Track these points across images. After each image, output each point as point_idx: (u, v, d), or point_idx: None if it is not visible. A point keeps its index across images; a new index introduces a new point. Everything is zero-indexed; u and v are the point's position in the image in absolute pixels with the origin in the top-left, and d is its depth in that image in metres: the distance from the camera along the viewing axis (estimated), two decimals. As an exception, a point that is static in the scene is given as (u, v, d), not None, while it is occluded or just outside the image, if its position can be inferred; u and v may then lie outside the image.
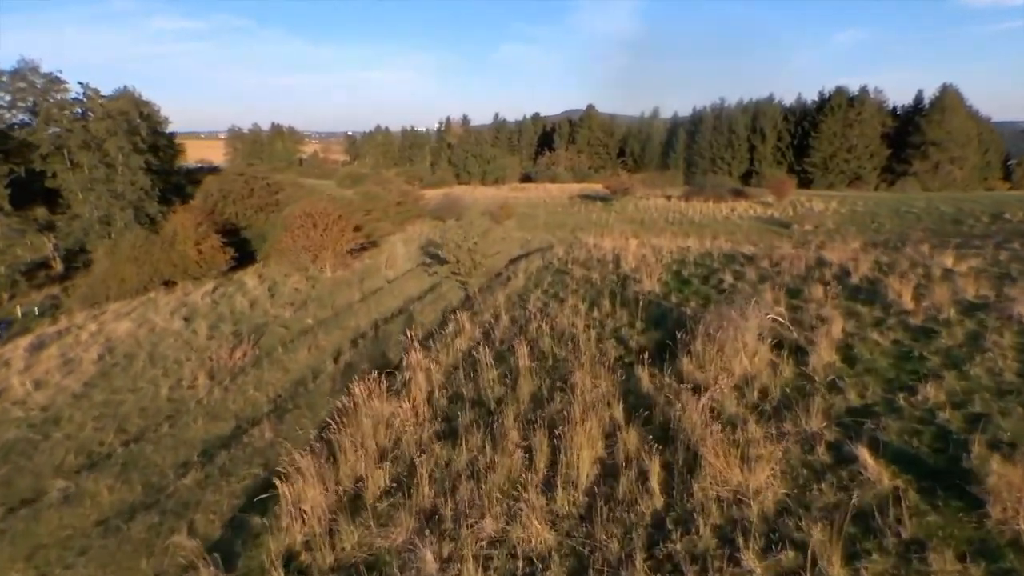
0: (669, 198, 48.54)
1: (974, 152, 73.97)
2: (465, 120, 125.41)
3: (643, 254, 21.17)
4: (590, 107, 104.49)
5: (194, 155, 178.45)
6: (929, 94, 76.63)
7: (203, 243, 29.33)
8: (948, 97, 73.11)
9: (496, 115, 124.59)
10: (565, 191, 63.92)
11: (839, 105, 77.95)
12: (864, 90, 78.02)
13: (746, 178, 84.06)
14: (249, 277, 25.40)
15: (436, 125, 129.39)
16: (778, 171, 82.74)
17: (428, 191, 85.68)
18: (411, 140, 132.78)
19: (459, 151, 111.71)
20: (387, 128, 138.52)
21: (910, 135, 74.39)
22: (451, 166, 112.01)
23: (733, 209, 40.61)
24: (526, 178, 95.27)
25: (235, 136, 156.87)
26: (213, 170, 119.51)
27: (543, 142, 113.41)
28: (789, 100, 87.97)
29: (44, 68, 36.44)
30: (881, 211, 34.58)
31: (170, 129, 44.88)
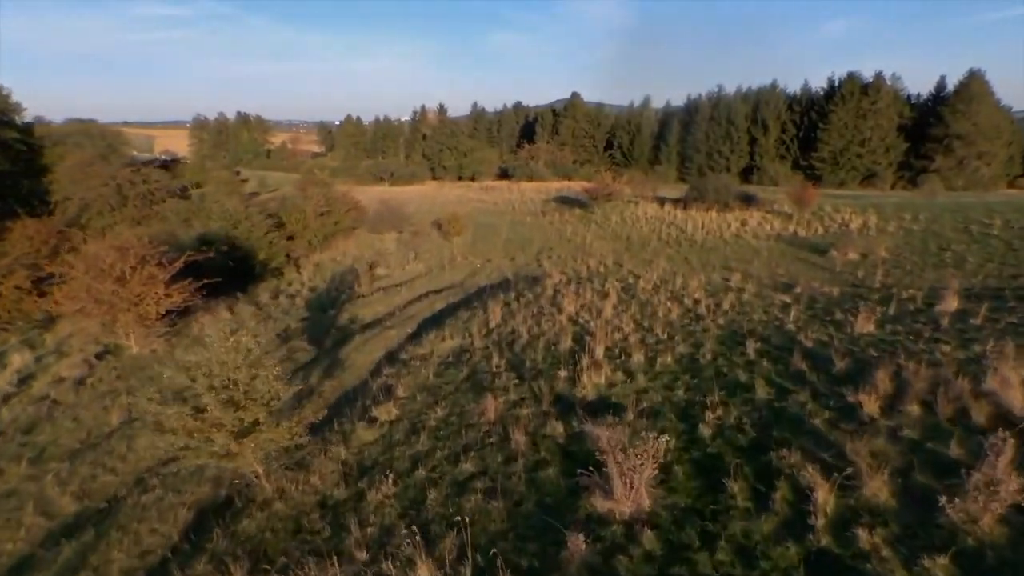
0: (663, 204, 40.01)
1: (1003, 147, 65.90)
2: (441, 109, 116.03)
3: (624, 332, 12.66)
4: (575, 95, 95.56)
5: (169, 146, 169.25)
6: (952, 81, 68.40)
7: (3, 283, 20.55)
8: (975, 85, 64.85)
9: (475, 104, 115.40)
10: (542, 191, 55.27)
11: (851, 93, 69.56)
12: (880, 76, 69.67)
13: (746, 174, 75.86)
14: (23, 349, 16.66)
15: (411, 114, 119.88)
16: (782, 166, 74.68)
17: (398, 188, 77.10)
18: (384, 131, 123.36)
19: (433, 143, 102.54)
20: (358, 118, 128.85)
21: (931, 127, 66.17)
22: (425, 159, 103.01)
23: (744, 222, 32.13)
24: (503, 174, 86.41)
25: (199, 126, 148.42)
26: (166, 164, 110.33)
27: (525, 134, 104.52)
28: (794, 87, 79.59)
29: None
30: (943, 229, 26.29)
31: (28, 119, 35.76)
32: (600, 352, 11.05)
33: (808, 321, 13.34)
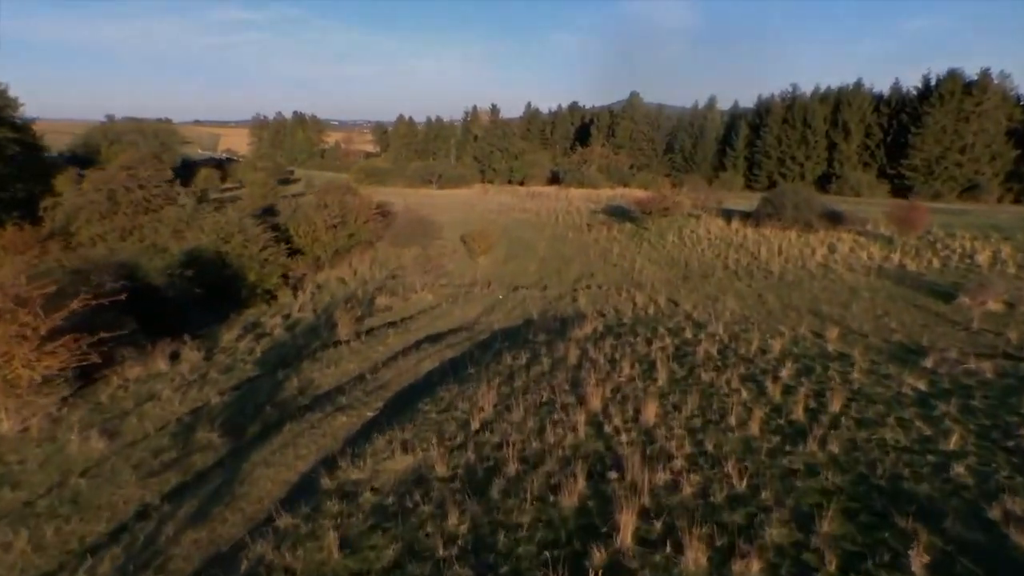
0: (729, 219, 34.33)
1: None
2: (494, 110, 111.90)
3: (674, 468, 7.73)
4: (634, 95, 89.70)
5: (232, 144, 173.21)
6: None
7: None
8: (1106, 83, 55.44)
9: (528, 104, 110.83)
10: (592, 199, 50.10)
11: (951, 93, 61.10)
12: (986, 74, 60.87)
13: (823, 182, 68.39)
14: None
15: (462, 115, 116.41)
16: (865, 175, 66.76)
17: (442, 192, 73.70)
18: (436, 131, 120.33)
19: (484, 144, 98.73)
20: (410, 118, 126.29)
21: (1048, 132, 57.19)
22: (476, 162, 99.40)
23: (832, 247, 26.25)
24: (554, 178, 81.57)
25: (259, 125, 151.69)
26: (220, 162, 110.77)
27: (580, 136, 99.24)
28: (882, 87, 71.29)
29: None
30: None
31: (32, 114, 33.44)
32: (629, 528, 6.27)
33: (983, 453, 8.14)
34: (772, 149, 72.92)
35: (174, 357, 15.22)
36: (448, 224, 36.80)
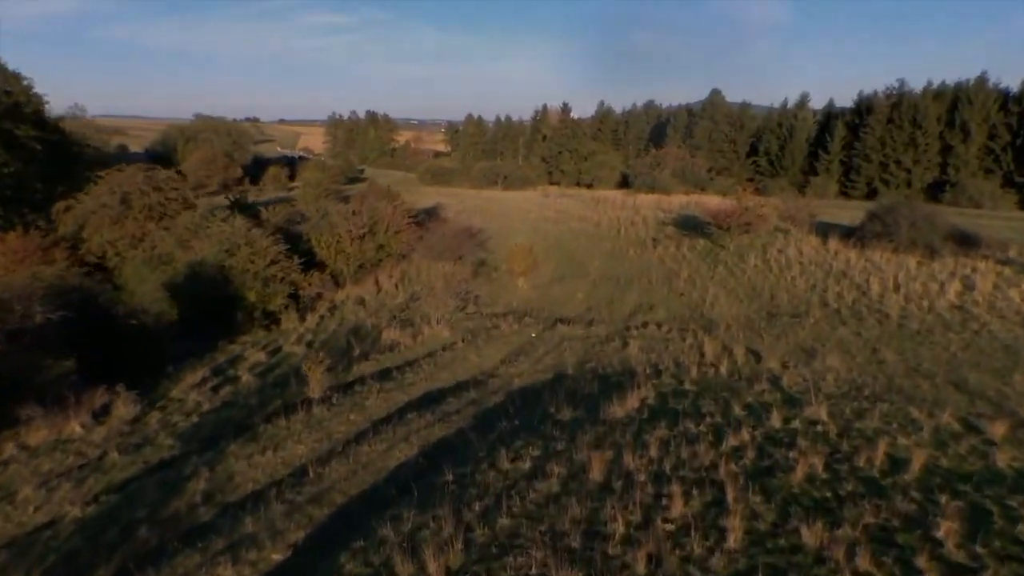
0: (826, 239, 28.64)
1: None
2: (565, 108, 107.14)
3: None
4: (715, 93, 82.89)
5: (311, 143, 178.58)
6: None
7: None
8: None
9: (601, 103, 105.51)
10: (662, 207, 44.83)
11: (1103, 88, 51.60)
12: None
13: (934, 190, 59.91)
14: None
15: (532, 114, 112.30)
16: (987, 183, 57.77)
17: (508, 193, 70.41)
18: (504, 131, 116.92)
19: (552, 145, 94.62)
20: (479, 117, 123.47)
21: None
22: (544, 162, 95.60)
23: (968, 283, 20.46)
24: (625, 181, 76.30)
25: (334, 124, 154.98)
26: (292, 161, 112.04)
27: (654, 136, 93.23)
28: (1010, 82, 61.58)
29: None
30: None
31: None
32: None
33: None
34: (873, 152, 64.70)
35: (103, 413, 12.19)
36: (496, 233, 33.07)
